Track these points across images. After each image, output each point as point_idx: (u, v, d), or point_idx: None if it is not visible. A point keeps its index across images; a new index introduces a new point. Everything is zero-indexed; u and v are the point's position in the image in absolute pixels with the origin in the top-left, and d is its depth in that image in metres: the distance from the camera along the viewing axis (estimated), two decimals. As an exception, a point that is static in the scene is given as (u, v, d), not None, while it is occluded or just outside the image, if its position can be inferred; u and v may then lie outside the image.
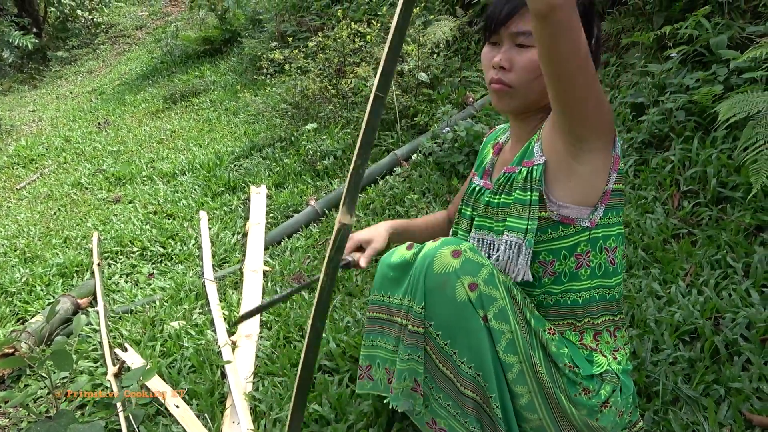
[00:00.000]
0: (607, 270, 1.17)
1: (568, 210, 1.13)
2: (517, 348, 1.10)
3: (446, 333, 1.11)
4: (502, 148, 1.33)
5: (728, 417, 1.30)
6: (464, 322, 1.09)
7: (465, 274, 1.09)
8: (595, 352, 1.18)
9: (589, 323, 1.20)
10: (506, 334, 1.09)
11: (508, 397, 1.14)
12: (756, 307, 1.53)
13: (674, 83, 2.39)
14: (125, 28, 9.46)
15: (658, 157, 2.22)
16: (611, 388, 1.15)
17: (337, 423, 1.46)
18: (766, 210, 1.83)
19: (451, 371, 1.13)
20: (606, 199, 1.13)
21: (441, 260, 1.10)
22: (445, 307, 1.09)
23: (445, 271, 1.09)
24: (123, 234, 2.95)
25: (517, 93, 1.15)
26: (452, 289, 1.08)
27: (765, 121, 1.72)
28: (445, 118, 2.95)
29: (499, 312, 1.09)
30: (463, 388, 1.12)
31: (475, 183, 1.33)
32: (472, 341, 1.09)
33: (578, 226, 1.13)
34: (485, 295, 1.08)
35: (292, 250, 2.54)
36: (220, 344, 1.90)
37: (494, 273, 1.11)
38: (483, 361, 1.10)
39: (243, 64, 5.78)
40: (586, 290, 1.17)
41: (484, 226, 1.25)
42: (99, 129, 5.44)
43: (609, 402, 1.15)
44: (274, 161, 3.48)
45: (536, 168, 1.14)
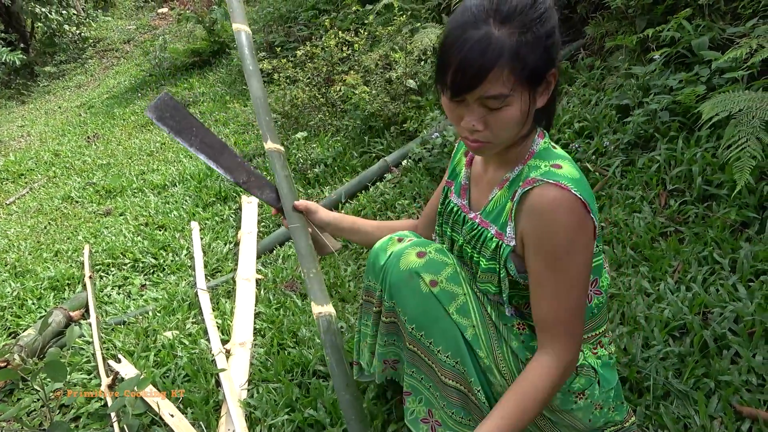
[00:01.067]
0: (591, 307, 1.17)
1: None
2: (481, 342, 1.14)
3: (419, 325, 1.16)
4: (473, 158, 1.28)
5: (718, 409, 1.32)
6: (432, 311, 1.14)
7: (426, 272, 1.15)
8: None
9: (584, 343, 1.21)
10: (470, 328, 1.14)
11: (487, 382, 1.17)
12: (743, 301, 1.56)
13: (658, 85, 2.43)
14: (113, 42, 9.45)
15: (644, 158, 2.25)
16: (586, 381, 1.16)
17: (332, 427, 1.46)
18: (751, 206, 1.86)
19: (431, 361, 1.17)
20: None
21: (406, 259, 1.17)
22: (412, 299, 1.15)
23: (408, 268, 1.15)
24: (114, 246, 2.94)
25: (495, 146, 1.06)
26: (416, 283, 1.14)
27: (747, 119, 1.75)
28: (434, 124, 2.97)
29: (461, 307, 1.14)
30: (445, 378, 1.16)
31: (453, 202, 1.28)
32: (443, 328, 1.14)
33: None
34: (446, 291, 1.14)
35: (285, 258, 2.54)
36: (214, 353, 1.90)
37: (458, 271, 1.16)
38: (458, 347, 1.14)
39: (232, 75, 5.80)
40: None
41: (463, 262, 1.24)
42: (88, 143, 5.42)
43: (584, 394, 1.16)
44: (264, 171, 3.49)
45: (505, 248, 1.10)
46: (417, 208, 2.59)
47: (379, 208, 2.69)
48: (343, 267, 2.33)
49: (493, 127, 1.01)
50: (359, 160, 3.22)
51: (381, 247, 1.28)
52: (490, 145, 1.05)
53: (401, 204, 2.64)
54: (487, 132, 1.02)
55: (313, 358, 1.73)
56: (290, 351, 1.83)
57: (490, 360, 1.14)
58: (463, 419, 1.18)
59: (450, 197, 1.30)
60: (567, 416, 1.17)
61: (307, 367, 1.72)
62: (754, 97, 1.82)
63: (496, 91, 0.96)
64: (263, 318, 2.10)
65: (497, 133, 1.02)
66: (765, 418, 1.26)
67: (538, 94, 1.02)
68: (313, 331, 1.90)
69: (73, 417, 1.76)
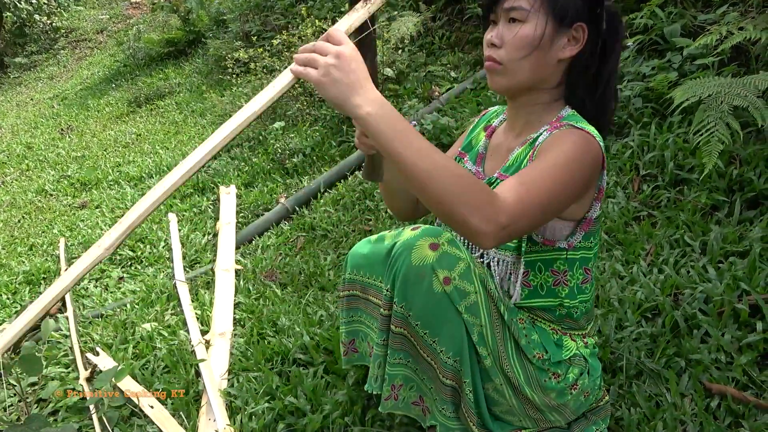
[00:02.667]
0: (583, 288, 1.20)
1: (552, 223, 1.13)
2: (486, 341, 1.12)
3: (425, 323, 1.11)
4: (494, 131, 1.30)
5: (689, 387, 1.36)
6: (442, 312, 1.10)
7: (441, 267, 1.08)
8: (564, 336, 1.22)
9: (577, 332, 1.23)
10: (477, 327, 1.11)
11: (480, 383, 1.17)
12: (713, 282, 1.60)
13: (631, 72, 2.46)
14: (86, 32, 9.25)
15: (617, 144, 2.28)
16: (579, 371, 1.19)
17: (312, 414, 1.47)
18: (721, 190, 1.90)
19: (432, 359, 1.14)
20: (586, 226, 1.14)
21: (419, 252, 1.09)
22: (422, 298, 1.09)
23: (423, 264, 1.08)
24: (91, 239, 2.90)
25: (507, 70, 1.10)
26: (429, 281, 1.08)
27: (716, 104, 1.78)
28: (411, 113, 2.98)
29: (471, 306, 1.10)
30: (443, 377, 1.14)
31: (467, 168, 1.28)
32: (450, 330, 1.10)
33: (556, 246, 1.15)
34: (459, 289, 1.09)
35: (264, 248, 2.54)
36: (194, 343, 1.90)
37: (470, 266, 1.11)
38: (462, 348, 1.11)
39: (208, 65, 5.73)
40: (573, 307, 1.19)
41: None
42: (62, 135, 5.33)
43: (577, 384, 1.19)
44: (242, 161, 3.46)
45: None
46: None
47: (358, 197, 2.69)
48: (322, 256, 2.34)
49: (507, 45, 1.08)
50: (338, 149, 3.22)
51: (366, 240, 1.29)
52: (501, 68, 1.10)
53: (380, 193, 2.64)
54: (501, 51, 1.09)
55: (293, 346, 1.74)
56: (270, 340, 1.83)
57: (492, 360, 1.13)
58: (452, 414, 1.19)
59: (465, 164, 1.30)
60: (561, 408, 1.20)
61: (287, 356, 1.73)
62: (723, 82, 1.85)
63: (517, 2, 1.06)
64: (243, 308, 2.09)
65: (509, 51, 1.08)
66: (734, 395, 1.30)
67: (561, 35, 1.07)
68: (293, 319, 1.90)
69: (51, 411, 1.75)
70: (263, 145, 3.53)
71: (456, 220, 0.89)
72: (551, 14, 1.06)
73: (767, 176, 1.84)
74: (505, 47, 1.09)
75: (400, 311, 1.12)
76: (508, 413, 1.21)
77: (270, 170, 3.24)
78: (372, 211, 2.56)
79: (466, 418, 1.17)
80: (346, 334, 1.38)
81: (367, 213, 2.57)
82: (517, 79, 1.11)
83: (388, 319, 1.16)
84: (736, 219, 1.80)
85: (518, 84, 1.12)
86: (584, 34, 1.08)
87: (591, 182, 1.07)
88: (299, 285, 2.18)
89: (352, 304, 1.35)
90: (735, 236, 1.72)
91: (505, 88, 1.15)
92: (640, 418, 1.30)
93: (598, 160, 1.06)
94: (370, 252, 1.29)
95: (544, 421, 1.21)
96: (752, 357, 1.35)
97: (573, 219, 1.13)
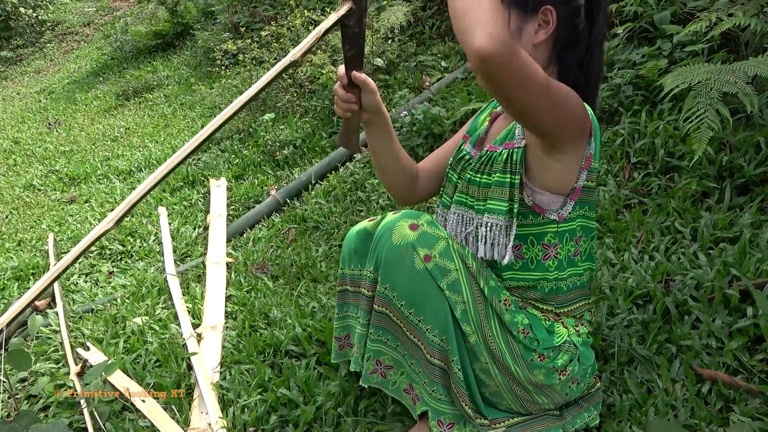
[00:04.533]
0: (574, 260, 1.20)
1: (541, 197, 1.14)
2: (470, 318, 1.14)
3: (409, 301, 1.14)
4: (497, 117, 1.32)
5: (680, 373, 1.36)
6: (425, 289, 1.12)
7: (421, 246, 1.12)
8: (556, 323, 1.22)
9: (563, 312, 1.23)
10: (460, 304, 1.13)
11: (468, 362, 1.18)
12: (703, 268, 1.60)
13: (622, 59, 2.46)
14: (72, 25, 9.14)
15: (608, 132, 2.28)
16: (569, 358, 1.19)
17: (305, 405, 1.47)
18: (711, 177, 1.91)
19: (418, 339, 1.16)
20: (575, 195, 1.14)
21: (399, 232, 1.13)
22: (404, 276, 1.13)
23: (403, 243, 1.12)
24: (80, 234, 2.88)
25: None
26: (411, 259, 1.12)
27: (705, 90, 1.78)
28: (402, 103, 2.96)
29: (453, 283, 1.13)
30: (431, 356, 1.16)
31: (465, 149, 1.31)
32: (434, 306, 1.13)
33: (546, 218, 1.15)
34: (439, 266, 1.12)
35: (255, 241, 2.52)
36: (185, 337, 1.89)
37: (450, 245, 1.14)
38: (446, 325, 1.14)
39: (197, 57, 5.67)
40: (561, 279, 1.19)
41: (463, 202, 1.25)
42: (50, 129, 5.27)
43: (566, 370, 1.19)
44: (232, 153, 3.44)
45: (517, 151, 1.14)
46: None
47: (349, 188, 2.68)
48: (314, 248, 2.33)
49: None
50: (328, 140, 3.20)
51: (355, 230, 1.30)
52: None
53: (371, 183, 2.63)
54: None
55: (285, 338, 1.73)
56: (262, 332, 1.83)
57: (477, 337, 1.14)
58: (442, 396, 1.19)
59: (464, 147, 1.32)
60: (547, 390, 1.20)
61: (279, 348, 1.72)
62: (712, 69, 1.85)
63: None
64: (234, 301, 2.08)
65: None
66: (724, 380, 1.30)
67: (528, 23, 1.10)
68: (285, 311, 1.89)
69: (42, 407, 1.73)
70: (253, 137, 3.50)
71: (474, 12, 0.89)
72: (513, 5, 1.09)
73: (757, 162, 1.84)
74: None
75: (383, 291, 1.15)
76: (497, 395, 1.22)
77: (260, 162, 3.22)
78: (363, 203, 2.55)
79: (458, 399, 1.17)
80: (340, 329, 1.38)
81: (358, 204, 2.56)
82: None
83: (372, 300, 1.19)
84: (726, 205, 1.81)
85: None
86: (552, 15, 1.09)
87: (575, 129, 1.07)
88: (291, 277, 2.17)
89: (344, 299, 1.36)
90: (725, 222, 1.72)
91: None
92: (632, 404, 1.31)
93: (585, 116, 1.07)
94: (356, 243, 1.30)
95: (532, 403, 1.22)
96: (742, 342, 1.36)
97: (561, 193, 1.14)
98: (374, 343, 1.22)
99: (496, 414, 1.24)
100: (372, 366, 1.23)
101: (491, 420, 1.22)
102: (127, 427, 1.54)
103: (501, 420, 1.23)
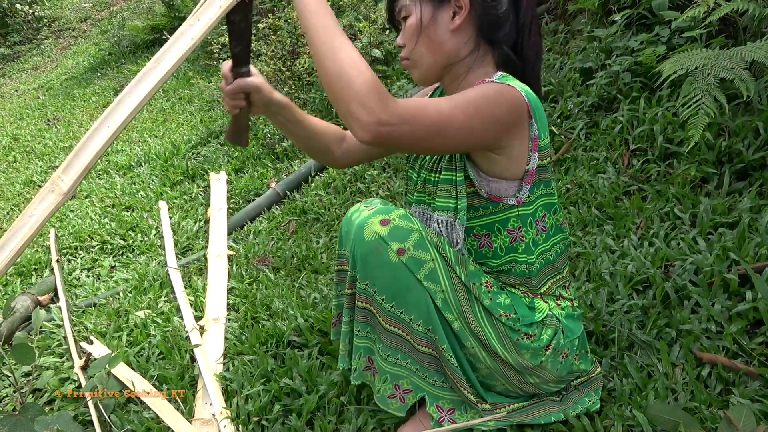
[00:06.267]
0: (539, 240, 1.21)
1: (497, 185, 1.14)
2: (451, 306, 1.14)
3: (389, 295, 1.13)
4: None
5: (680, 357, 1.37)
6: (403, 281, 1.12)
7: (393, 240, 1.11)
8: (536, 299, 1.23)
9: (540, 292, 1.24)
10: (439, 294, 1.13)
11: (459, 348, 1.18)
12: (703, 253, 1.61)
13: (620, 46, 2.45)
14: (69, 21, 9.12)
15: (607, 119, 2.28)
16: (552, 332, 1.20)
17: (308, 394, 1.48)
18: (710, 162, 1.91)
19: (404, 331, 1.16)
20: (530, 178, 1.14)
21: (370, 228, 1.12)
22: (381, 270, 1.12)
23: (374, 238, 1.11)
24: (81, 229, 2.89)
25: (414, 63, 1.19)
26: (385, 252, 1.11)
27: (702, 76, 1.78)
28: (400, 93, 2.96)
29: (429, 273, 1.12)
30: (419, 345, 1.16)
31: None
32: (414, 297, 1.13)
33: (505, 204, 1.16)
34: (414, 258, 1.11)
35: (256, 233, 2.53)
36: (188, 329, 1.90)
37: (423, 236, 1.13)
38: (429, 315, 1.14)
39: (194, 51, 5.66)
40: (531, 263, 1.20)
41: (422, 201, 1.27)
42: (49, 125, 5.27)
43: (551, 345, 1.20)
44: (232, 147, 3.44)
45: None
46: (386, 178, 2.59)
47: (348, 179, 2.69)
48: (315, 239, 2.33)
49: (407, 42, 1.17)
50: (327, 132, 3.19)
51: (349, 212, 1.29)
52: (410, 63, 1.20)
53: (371, 174, 2.63)
54: (405, 49, 1.19)
55: (287, 329, 1.74)
56: (264, 324, 1.84)
57: (461, 323, 1.15)
58: (437, 381, 1.20)
59: None
60: (537, 370, 1.21)
61: (281, 339, 1.73)
62: (710, 54, 1.85)
63: (401, 3, 1.17)
64: (236, 293, 2.09)
65: (408, 46, 1.18)
66: (724, 363, 1.31)
67: (443, 10, 1.14)
68: (286, 303, 1.90)
69: (47, 400, 1.74)
70: (252, 130, 3.50)
71: (342, 100, 0.92)
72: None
73: (756, 147, 1.85)
74: (407, 45, 1.18)
75: (363, 288, 1.16)
76: (489, 377, 1.23)
77: (260, 155, 3.23)
78: (363, 194, 2.56)
79: (457, 385, 1.18)
80: (335, 307, 1.39)
81: (358, 195, 2.56)
82: (425, 66, 1.19)
83: (353, 297, 1.19)
84: (725, 190, 1.81)
85: (429, 69, 1.20)
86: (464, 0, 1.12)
87: (510, 128, 1.07)
88: (292, 269, 2.18)
89: (340, 278, 1.35)
90: (724, 208, 1.73)
91: (422, 78, 1.22)
92: (632, 388, 1.31)
93: (517, 106, 1.06)
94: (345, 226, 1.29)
95: (524, 383, 1.22)
96: (742, 326, 1.36)
97: (515, 178, 1.14)
98: (362, 340, 1.22)
99: (496, 398, 1.25)
100: (365, 363, 1.23)
101: (492, 404, 1.23)
102: (132, 418, 1.55)
103: (502, 405, 1.24)
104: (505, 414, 1.23)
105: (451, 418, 1.21)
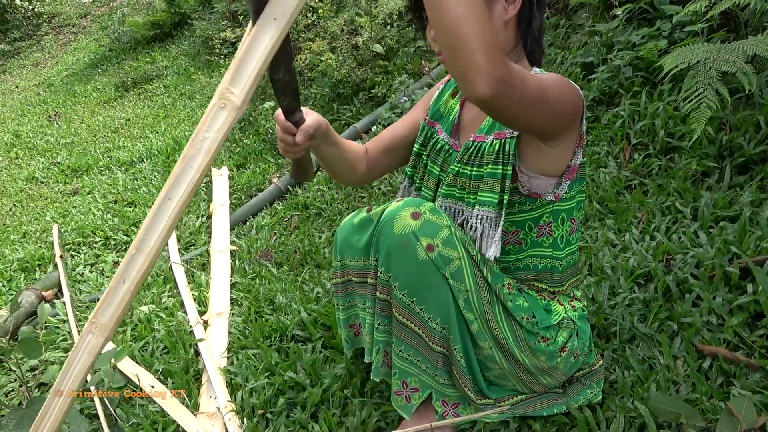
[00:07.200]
0: (572, 240, 1.21)
1: (537, 181, 1.13)
2: (473, 306, 1.13)
3: (411, 291, 1.12)
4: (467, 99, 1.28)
5: (681, 350, 1.38)
6: (428, 278, 1.11)
7: (423, 235, 1.09)
8: (552, 301, 1.24)
9: (557, 291, 1.24)
10: (463, 293, 1.12)
11: (471, 348, 1.18)
12: (704, 247, 1.61)
13: (621, 41, 2.45)
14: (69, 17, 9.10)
15: (608, 114, 2.29)
16: (568, 334, 1.21)
17: (312, 387, 1.49)
18: (711, 156, 1.91)
19: (420, 328, 1.15)
20: (571, 173, 1.14)
21: (401, 222, 1.11)
22: (407, 266, 1.10)
23: (405, 233, 1.10)
24: (84, 225, 2.90)
25: None
26: (413, 248, 1.09)
27: (704, 70, 1.78)
28: (402, 88, 2.96)
29: (456, 272, 1.11)
30: (433, 344, 1.16)
31: (442, 140, 1.28)
32: (437, 295, 1.12)
33: (543, 200, 1.15)
34: (443, 255, 1.10)
35: (258, 228, 2.54)
36: (192, 324, 1.91)
37: (453, 232, 1.12)
38: (448, 314, 1.13)
39: (195, 47, 5.66)
40: (558, 258, 1.20)
41: (453, 195, 1.23)
42: (50, 122, 5.27)
43: (566, 347, 1.21)
44: (233, 142, 3.45)
45: (509, 141, 1.12)
46: (388, 174, 2.59)
47: (350, 174, 2.69)
48: (317, 234, 2.34)
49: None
50: (329, 128, 3.20)
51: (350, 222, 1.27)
52: None
53: (373, 170, 2.64)
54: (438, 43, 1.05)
55: (291, 323, 1.75)
56: (267, 318, 1.85)
57: (480, 324, 1.14)
58: (445, 381, 1.21)
59: (439, 136, 1.29)
60: (551, 371, 1.22)
61: (285, 333, 1.74)
62: (712, 48, 1.85)
63: None
64: (239, 288, 2.10)
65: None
66: (725, 355, 1.32)
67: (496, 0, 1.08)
68: (289, 297, 1.91)
69: (52, 394, 1.76)
70: (254, 125, 3.51)
71: (466, 49, 0.83)
72: None
73: (757, 141, 1.85)
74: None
75: (386, 280, 1.14)
76: (501, 377, 1.23)
77: (262, 151, 3.23)
78: (365, 188, 2.57)
79: (460, 384, 1.19)
80: (345, 320, 1.38)
81: (360, 190, 2.57)
82: None
83: (376, 287, 1.18)
84: (726, 184, 1.82)
85: None
86: None
87: (572, 120, 1.06)
88: (295, 263, 2.19)
89: (349, 289, 1.34)
90: (725, 201, 1.74)
91: None
92: (634, 380, 1.32)
93: (580, 100, 1.06)
94: (358, 233, 1.25)
95: (536, 384, 1.24)
96: (743, 318, 1.37)
97: (556, 174, 1.14)
98: (381, 334, 1.21)
99: (500, 393, 1.26)
100: (381, 358, 1.23)
101: (495, 399, 1.24)
102: (138, 412, 1.56)
103: (505, 398, 1.25)
104: (508, 407, 1.24)
105: (455, 412, 1.22)
